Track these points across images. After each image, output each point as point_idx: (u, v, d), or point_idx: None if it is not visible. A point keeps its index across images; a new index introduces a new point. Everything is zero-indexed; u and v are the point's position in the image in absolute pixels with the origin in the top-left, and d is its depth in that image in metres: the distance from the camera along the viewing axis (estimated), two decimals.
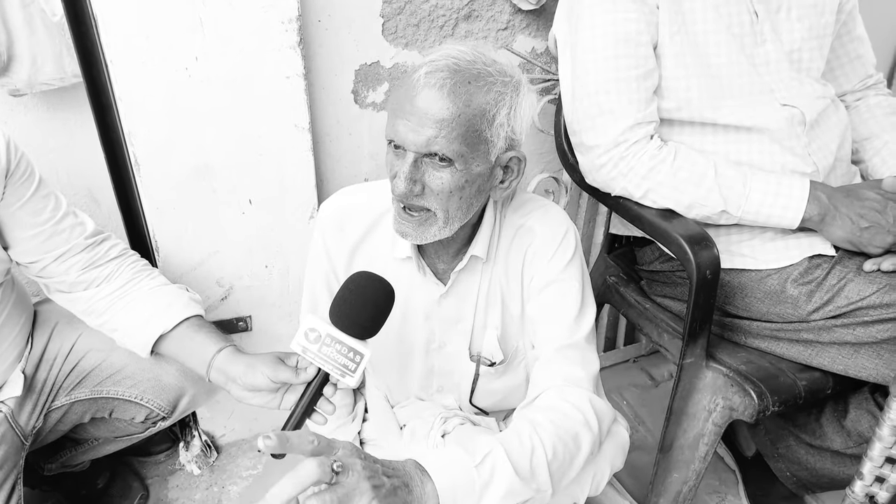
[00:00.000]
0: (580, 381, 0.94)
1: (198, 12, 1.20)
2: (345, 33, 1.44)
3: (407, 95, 0.85)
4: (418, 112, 0.84)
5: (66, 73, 1.23)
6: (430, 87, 0.84)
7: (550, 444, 0.85)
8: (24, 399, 1.15)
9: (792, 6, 1.21)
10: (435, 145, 0.85)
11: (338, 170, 1.58)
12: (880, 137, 1.33)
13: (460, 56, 0.86)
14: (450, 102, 0.83)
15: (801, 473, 1.33)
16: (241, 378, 0.97)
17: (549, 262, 1.00)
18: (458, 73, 0.85)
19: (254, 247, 1.45)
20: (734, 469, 1.62)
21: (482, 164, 0.89)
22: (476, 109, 0.85)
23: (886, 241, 1.09)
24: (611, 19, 1.13)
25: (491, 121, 0.86)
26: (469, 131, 0.85)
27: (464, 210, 0.93)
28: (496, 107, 0.86)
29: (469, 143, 0.86)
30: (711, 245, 1.10)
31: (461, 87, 0.84)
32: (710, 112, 1.17)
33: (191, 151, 1.30)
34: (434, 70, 0.84)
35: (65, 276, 1.10)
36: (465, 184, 0.89)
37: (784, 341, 1.17)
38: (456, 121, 0.84)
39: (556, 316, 1.00)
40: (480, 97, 0.85)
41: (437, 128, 0.84)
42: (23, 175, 1.04)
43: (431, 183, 0.88)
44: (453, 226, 0.94)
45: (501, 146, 0.90)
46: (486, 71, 0.86)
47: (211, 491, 1.56)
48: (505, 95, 0.87)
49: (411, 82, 0.85)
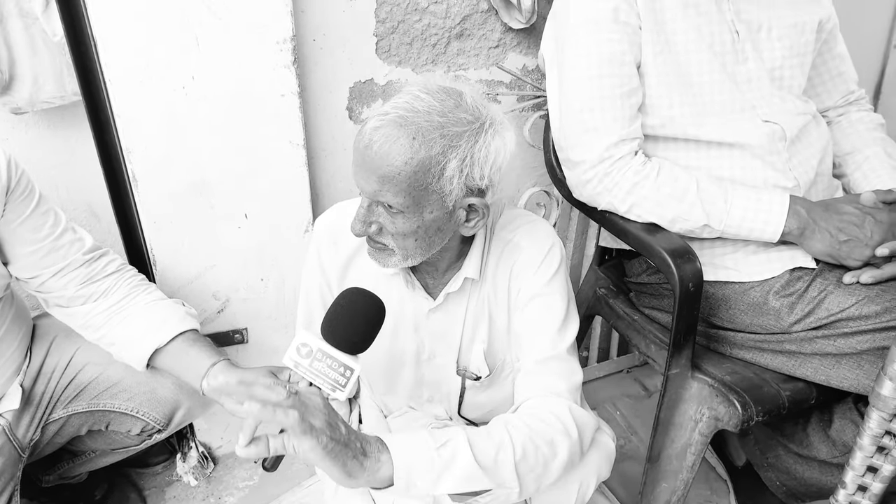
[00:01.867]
0: (561, 392, 0.96)
1: (194, 32, 1.23)
2: (339, 52, 1.47)
3: (358, 147, 0.88)
4: (366, 165, 0.87)
5: (67, 92, 1.26)
6: (375, 142, 0.85)
7: (520, 444, 0.86)
8: (22, 412, 1.16)
9: (773, 26, 1.24)
10: (381, 196, 0.88)
11: (332, 185, 1.60)
12: (862, 152, 1.36)
13: (412, 106, 0.86)
14: (391, 159, 0.84)
15: (790, 483, 1.35)
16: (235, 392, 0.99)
17: (534, 276, 1.02)
18: (403, 127, 0.85)
19: (249, 260, 1.47)
20: (725, 479, 1.64)
21: (437, 211, 0.90)
22: (418, 165, 0.85)
23: (865, 254, 1.11)
24: (594, 40, 1.16)
25: (438, 174, 0.86)
26: (412, 186, 0.86)
27: (423, 248, 0.95)
28: (444, 159, 0.85)
29: (414, 196, 0.87)
30: (694, 258, 1.13)
31: (403, 142, 0.84)
32: (693, 129, 1.20)
33: (187, 167, 1.33)
34: (381, 125, 0.85)
35: (63, 290, 1.12)
36: (417, 228, 0.91)
37: (767, 352, 1.19)
38: (396, 178, 0.85)
39: (539, 328, 1.02)
40: (423, 152, 0.85)
41: (380, 183, 0.86)
42: (23, 192, 1.06)
43: (386, 225, 0.92)
44: (415, 259, 0.96)
45: (458, 193, 0.89)
46: (437, 122, 0.85)
47: (208, 502, 1.57)
48: (457, 147, 0.86)
49: (362, 134, 0.87)
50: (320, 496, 1.48)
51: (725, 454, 1.68)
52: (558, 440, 0.91)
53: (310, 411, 0.78)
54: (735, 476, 1.63)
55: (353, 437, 0.80)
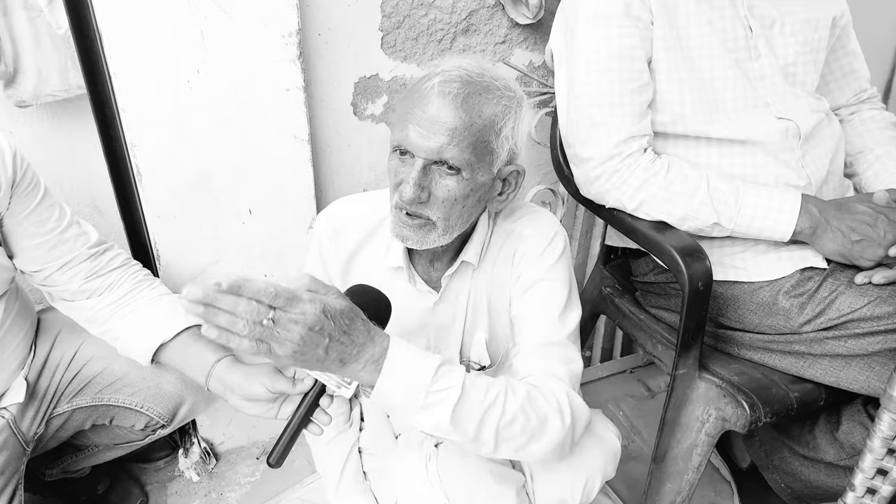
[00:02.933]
0: (561, 376, 0.94)
1: (199, 26, 1.22)
2: (344, 47, 1.46)
3: (419, 103, 0.87)
4: (431, 119, 0.86)
5: (71, 85, 1.25)
6: (444, 95, 0.86)
7: (511, 410, 0.84)
8: (27, 406, 1.16)
9: (786, 22, 1.23)
10: (446, 153, 0.87)
11: (336, 181, 1.59)
12: (873, 151, 1.34)
13: (470, 68, 0.89)
14: (462, 112, 0.86)
15: (796, 485, 1.34)
16: (239, 388, 0.99)
17: (536, 263, 1.02)
18: (470, 84, 0.87)
19: (253, 256, 1.46)
20: (729, 480, 1.63)
21: (486, 175, 0.92)
22: (486, 120, 0.88)
23: (877, 254, 1.10)
24: (605, 34, 1.15)
25: (498, 132, 0.89)
26: (478, 141, 0.88)
27: (464, 219, 0.95)
28: (503, 119, 0.89)
29: (477, 153, 0.88)
30: (704, 257, 1.11)
31: (473, 97, 0.87)
32: (704, 126, 1.19)
33: (192, 162, 1.32)
34: (447, 80, 0.87)
35: (68, 284, 1.12)
36: (469, 192, 0.91)
37: (776, 353, 1.18)
38: (468, 129, 0.86)
39: (540, 313, 1.00)
40: (490, 109, 0.88)
41: (449, 135, 0.86)
42: (28, 185, 1.06)
43: (437, 191, 0.90)
44: (452, 234, 0.95)
45: (504, 158, 0.92)
46: (494, 84, 0.89)
47: (209, 498, 1.57)
48: (510, 109, 0.90)
49: (423, 90, 0.87)
50: (322, 493, 1.48)
51: (730, 455, 1.66)
52: (552, 419, 0.88)
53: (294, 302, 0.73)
54: (739, 478, 1.62)
55: (357, 337, 0.77)
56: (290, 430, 0.88)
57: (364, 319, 0.80)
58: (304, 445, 1.65)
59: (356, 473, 1.17)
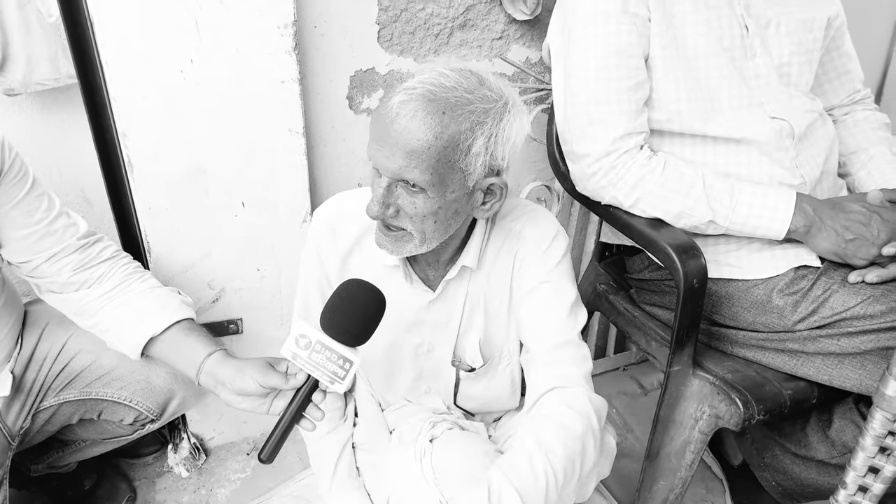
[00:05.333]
0: (577, 380, 0.97)
1: (193, 15, 1.20)
2: (340, 39, 1.45)
3: (382, 122, 0.85)
4: (391, 140, 0.84)
5: (61, 74, 1.23)
6: (402, 116, 0.83)
7: (561, 468, 0.89)
8: (13, 399, 1.14)
9: (781, 22, 1.23)
10: (406, 174, 0.85)
11: (331, 175, 1.58)
12: (867, 151, 1.35)
13: (439, 82, 0.84)
14: (421, 134, 0.82)
15: (787, 483, 1.34)
16: (231, 382, 0.98)
17: (539, 263, 1.01)
18: (433, 102, 0.83)
19: (246, 250, 1.45)
20: (721, 478, 1.63)
21: (458, 191, 0.89)
22: (448, 141, 0.83)
23: (871, 253, 1.11)
24: (603, 31, 1.15)
25: (465, 150, 0.85)
26: (440, 162, 0.84)
27: (441, 231, 0.93)
28: (472, 136, 0.85)
29: (440, 173, 0.85)
30: (699, 254, 1.11)
31: (433, 117, 0.82)
32: (700, 124, 1.19)
33: (184, 153, 1.31)
34: (408, 99, 0.83)
35: (56, 276, 1.10)
36: (438, 209, 0.89)
37: (770, 351, 1.18)
38: (426, 153, 0.83)
39: (547, 315, 1.01)
40: (453, 128, 0.83)
41: (406, 158, 0.84)
42: (17, 175, 1.04)
43: (405, 206, 0.89)
44: (431, 244, 0.94)
45: (480, 173, 0.89)
46: (466, 99, 0.84)
47: (199, 494, 1.56)
48: (484, 124, 0.85)
49: (387, 108, 0.84)
50: (314, 489, 1.47)
51: (721, 453, 1.67)
52: (588, 443, 0.93)
53: None
54: (731, 476, 1.63)
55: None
56: (282, 426, 0.87)
57: None
58: (295, 442, 1.65)
59: (350, 469, 1.16)
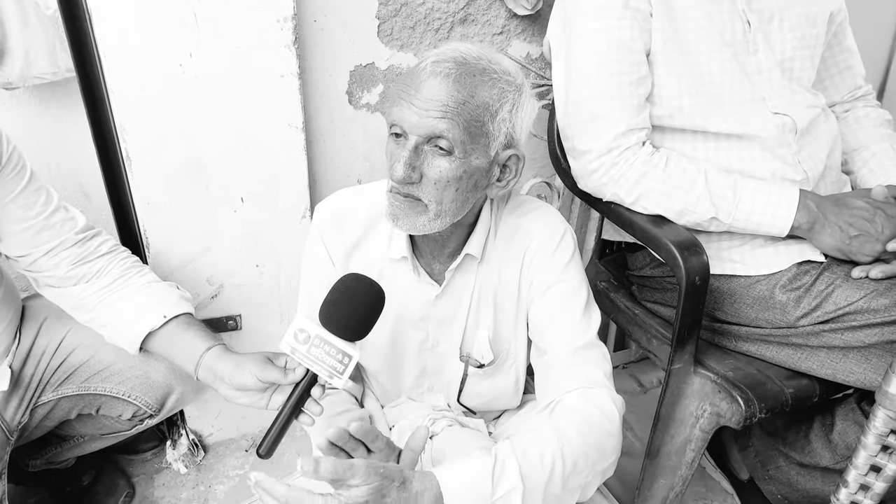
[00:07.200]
0: (601, 381, 0.96)
1: (193, 8, 1.20)
2: (340, 34, 1.44)
3: (413, 82, 0.87)
4: (423, 97, 0.86)
5: (59, 67, 1.23)
6: (437, 74, 0.86)
7: (571, 458, 0.86)
8: (11, 394, 1.14)
9: (784, 17, 1.22)
10: (437, 130, 0.86)
11: (330, 170, 1.58)
12: (869, 148, 1.35)
13: (466, 52, 0.89)
14: (455, 90, 0.85)
15: (792, 495, 1.34)
16: (230, 377, 0.97)
17: (550, 264, 1.01)
18: (464, 65, 0.87)
19: (245, 245, 1.44)
20: (732, 493, 1.61)
21: (481, 158, 0.90)
22: (480, 101, 0.87)
23: (875, 249, 1.10)
24: (604, 25, 1.14)
25: (494, 115, 0.88)
26: (472, 121, 0.87)
27: (458, 204, 0.92)
28: (499, 102, 0.88)
29: (470, 133, 0.87)
30: (701, 251, 1.11)
31: (466, 78, 0.86)
32: (702, 120, 1.18)
33: (183, 148, 1.30)
34: (441, 60, 0.87)
35: (54, 270, 1.10)
36: (462, 174, 0.89)
37: (773, 345, 1.18)
38: (461, 108, 0.86)
39: (563, 317, 1.00)
40: (485, 90, 0.87)
41: (441, 112, 0.85)
42: (14, 168, 1.04)
43: (429, 171, 0.89)
44: (444, 220, 0.92)
45: (501, 142, 0.91)
46: (491, 68, 0.89)
47: (197, 490, 1.55)
48: (508, 93, 0.89)
49: (417, 71, 0.88)
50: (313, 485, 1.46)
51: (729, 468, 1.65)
52: (607, 443, 0.91)
53: None
54: (741, 490, 1.61)
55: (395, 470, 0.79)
56: (281, 421, 0.86)
57: (411, 471, 0.81)
58: (294, 438, 1.64)
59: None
